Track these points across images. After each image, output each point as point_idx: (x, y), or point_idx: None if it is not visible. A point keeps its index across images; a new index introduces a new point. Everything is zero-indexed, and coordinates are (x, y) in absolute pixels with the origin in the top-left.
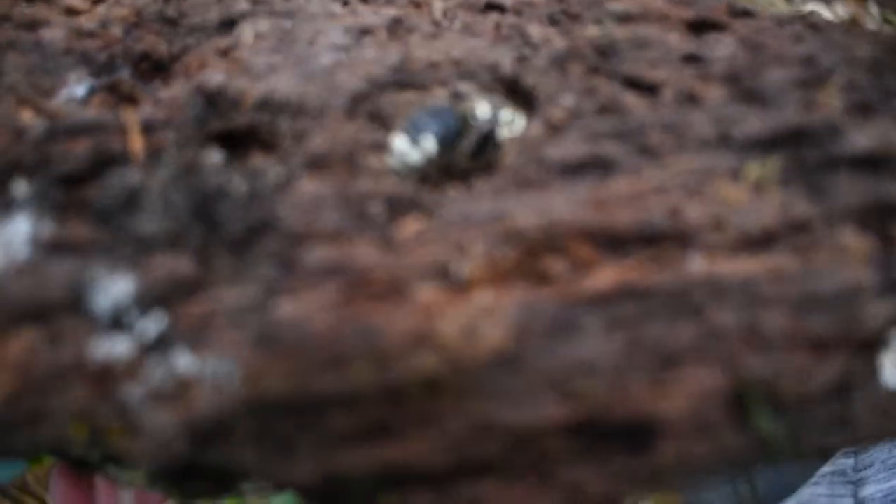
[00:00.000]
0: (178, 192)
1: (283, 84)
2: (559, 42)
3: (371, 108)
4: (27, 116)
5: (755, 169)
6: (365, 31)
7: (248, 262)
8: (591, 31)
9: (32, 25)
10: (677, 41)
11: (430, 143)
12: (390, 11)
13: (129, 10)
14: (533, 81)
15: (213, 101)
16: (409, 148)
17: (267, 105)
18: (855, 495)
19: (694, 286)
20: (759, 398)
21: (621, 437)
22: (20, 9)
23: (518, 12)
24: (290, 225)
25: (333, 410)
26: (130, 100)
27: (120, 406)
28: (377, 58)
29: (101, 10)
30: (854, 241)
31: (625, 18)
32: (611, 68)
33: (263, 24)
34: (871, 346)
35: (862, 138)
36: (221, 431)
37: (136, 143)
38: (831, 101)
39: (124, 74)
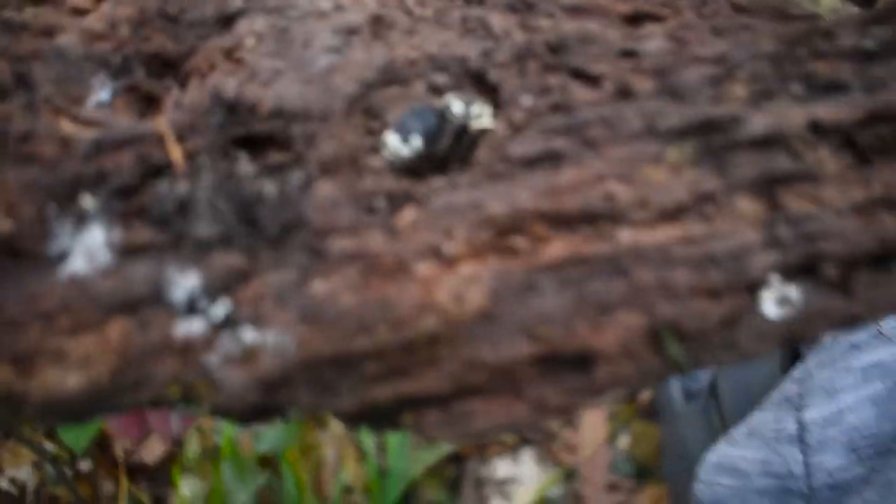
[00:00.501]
0: (223, 200)
1: (290, 90)
2: (518, 35)
3: (365, 106)
4: (67, 127)
5: (673, 154)
6: (351, 31)
7: (285, 254)
8: (545, 23)
9: (49, 32)
10: (616, 36)
11: (416, 141)
12: (371, 5)
13: (132, 8)
14: (496, 77)
15: (232, 109)
16: (400, 145)
17: (280, 113)
18: (798, 420)
19: (623, 254)
20: (669, 334)
21: (571, 364)
22: (31, 11)
23: (481, 2)
24: (314, 223)
25: (365, 361)
26: (150, 99)
27: (203, 370)
28: (365, 59)
29: (106, 8)
30: (748, 207)
31: (574, 10)
32: (561, 63)
33: (260, 23)
34: (755, 288)
35: (759, 123)
36: (283, 383)
37: (176, 153)
38: (737, 92)
39: (140, 75)
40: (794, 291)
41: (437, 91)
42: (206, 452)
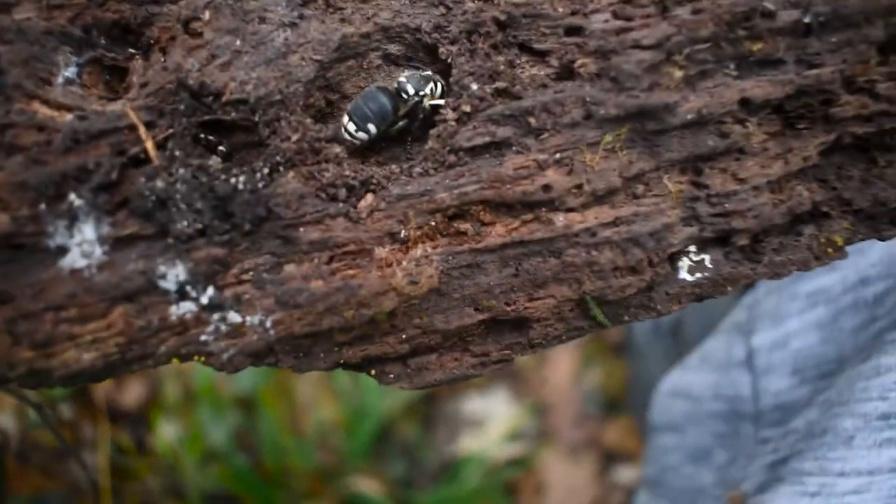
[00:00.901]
0: (199, 198)
1: (250, 75)
2: (469, 3)
3: (323, 86)
4: (43, 112)
5: (609, 138)
6: (304, 2)
7: (260, 242)
8: None
9: (5, 6)
10: (565, 10)
11: (371, 126)
12: None
13: None
14: (447, 53)
15: (197, 95)
16: (355, 130)
17: (242, 101)
18: (747, 345)
19: (557, 237)
20: (594, 302)
21: (511, 325)
22: None
23: None
24: (285, 215)
25: (335, 333)
26: (115, 69)
27: (198, 344)
28: (320, 35)
29: None
30: (674, 185)
31: None
32: (509, 39)
33: None
34: (674, 258)
35: (690, 108)
36: (267, 353)
37: (150, 145)
38: (674, 75)
39: (102, 47)
40: (707, 258)
41: (391, 60)
42: (184, 395)
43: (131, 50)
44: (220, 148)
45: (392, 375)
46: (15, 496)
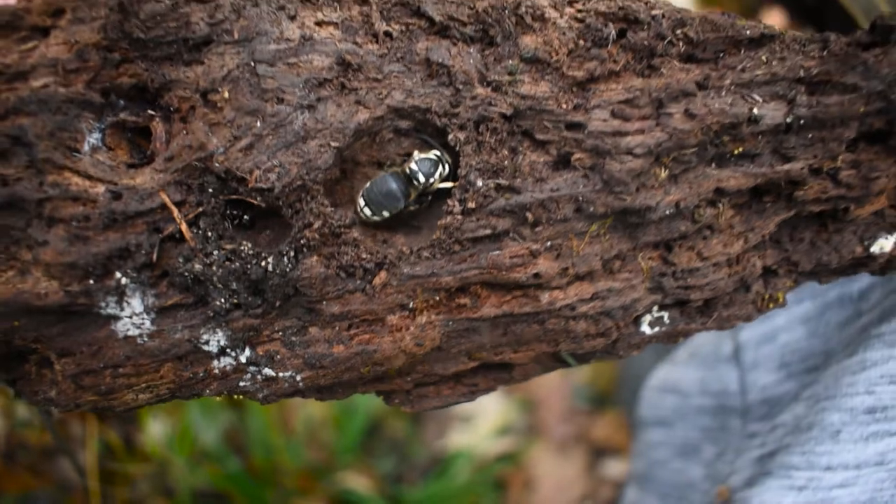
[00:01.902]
0: (235, 280)
1: (273, 161)
2: (478, 89)
3: (346, 167)
4: (76, 183)
5: (595, 228)
6: (321, 83)
7: (288, 312)
8: (504, 77)
9: (23, 75)
10: (568, 105)
11: (385, 212)
12: (336, 41)
13: (92, 31)
14: (455, 139)
15: (223, 180)
16: (371, 214)
17: (267, 189)
18: (734, 340)
19: (542, 310)
20: (568, 356)
21: (497, 369)
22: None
23: (445, 28)
24: (308, 294)
25: (355, 381)
26: (136, 130)
27: (237, 387)
28: (337, 120)
29: (66, 31)
30: (646, 263)
31: (532, 62)
32: (514, 128)
33: (230, 61)
34: (637, 319)
35: (668, 202)
36: (296, 394)
37: (184, 227)
38: (660, 175)
39: (122, 110)
40: (666, 315)
41: (401, 133)
42: None
43: (150, 111)
44: (245, 217)
45: (397, 400)
46: (2, 495)
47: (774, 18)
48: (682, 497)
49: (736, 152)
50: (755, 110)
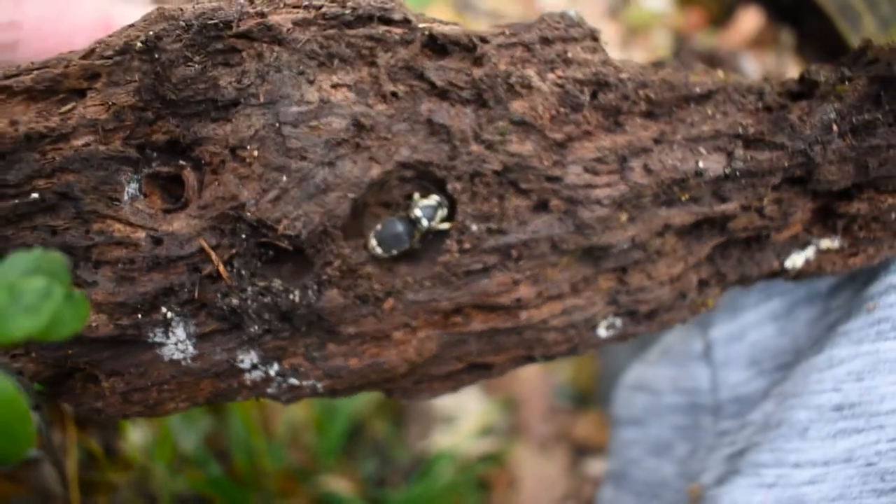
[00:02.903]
0: (267, 312)
1: (298, 211)
2: (473, 146)
3: (357, 216)
4: (119, 230)
5: (565, 260)
6: (339, 143)
7: (311, 333)
8: (495, 137)
9: (65, 137)
10: (548, 162)
11: (394, 251)
12: (351, 104)
13: (127, 93)
14: (453, 189)
15: (255, 227)
16: (382, 253)
17: (294, 236)
18: (704, 336)
19: (520, 325)
20: (539, 357)
21: (481, 368)
22: (34, 110)
23: (444, 93)
24: (330, 320)
25: (366, 385)
26: (169, 179)
27: (264, 394)
28: (354, 175)
29: (102, 93)
30: (605, 283)
31: (520, 125)
32: (503, 180)
33: (257, 121)
34: (595, 326)
35: (626, 238)
36: (313, 395)
37: (221, 268)
38: (621, 219)
39: (156, 162)
40: (618, 322)
41: (405, 180)
42: None
43: (182, 161)
44: (271, 253)
45: (397, 395)
46: None
47: (751, 18)
48: (655, 495)
49: (683, 199)
50: (701, 163)
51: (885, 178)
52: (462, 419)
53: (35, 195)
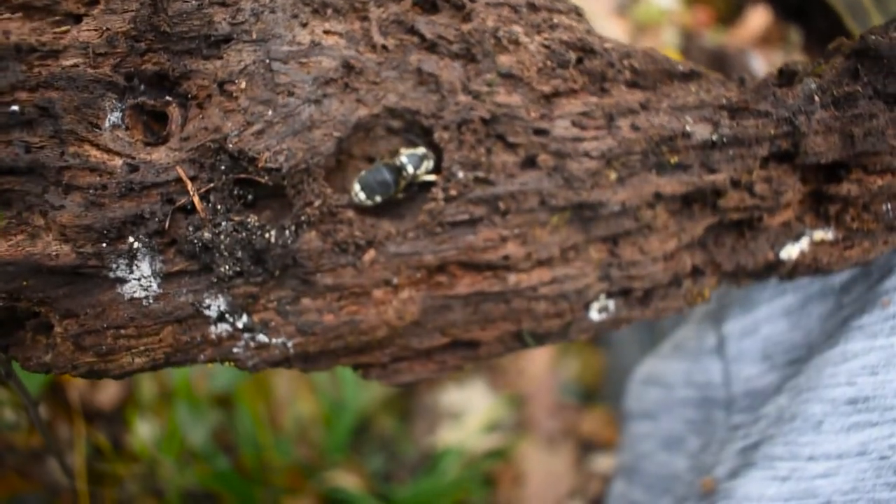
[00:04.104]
0: (240, 249)
1: (282, 145)
2: (461, 97)
3: (341, 159)
4: (95, 155)
5: (555, 219)
6: (327, 82)
7: (284, 282)
8: (483, 88)
9: (55, 54)
10: (535, 114)
11: (378, 197)
12: (342, 48)
13: (123, 21)
14: (440, 138)
15: (235, 159)
16: (365, 198)
17: (275, 169)
18: (718, 331)
19: (508, 290)
20: (527, 334)
21: (465, 346)
22: (28, 27)
23: (433, 46)
24: (306, 265)
25: (339, 350)
26: (155, 114)
27: (230, 353)
28: (339, 114)
29: (98, 19)
30: (596, 253)
31: (507, 77)
32: (491, 131)
33: (247, 56)
34: (587, 304)
35: (616, 200)
36: (283, 362)
37: (197, 200)
38: (610, 176)
39: (143, 94)
40: (611, 304)
41: (392, 131)
42: (161, 394)
43: (168, 97)
44: (249, 197)
45: (373, 374)
46: None
47: (759, 16)
48: (667, 489)
49: (672, 161)
50: (687, 127)
51: (872, 154)
52: (468, 415)
53: (15, 108)
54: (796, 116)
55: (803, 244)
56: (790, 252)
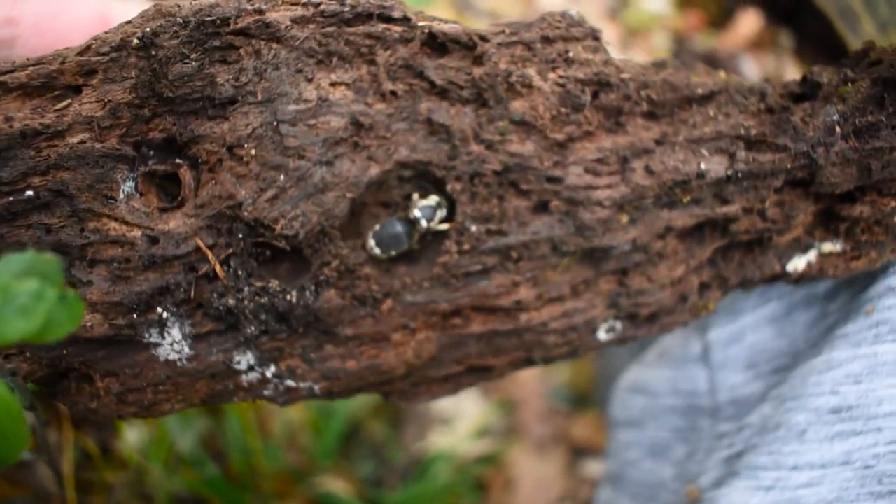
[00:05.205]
0: (264, 312)
1: (296, 210)
2: (473, 146)
3: (355, 209)
4: (114, 229)
5: (566, 261)
6: (337, 142)
7: (308, 334)
8: (495, 137)
9: (61, 134)
10: (548, 163)
11: (392, 252)
12: (349, 102)
13: (123, 90)
14: (452, 189)
15: (252, 227)
16: (380, 253)
17: (291, 236)
18: (703, 340)
19: (520, 328)
20: (539, 359)
21: (480, 370)
22: (28, 107)
23: (444, 92)
24: (327, 321)
25: (364, 388)
26: (166, 177)
27: (261, 395)
28: (352, 174)
29: (98, 90)
30: (605, 286)
31: (520, 124)
32: (502, 180)
33: (254, 119)
34: (596, 329)
35: (627, 240)
36: (310, 397)
37: (218, 267)
38: (622, 220)
39: (153, 161)
40: (618, 325)
41: (404, 180)
42: None
43: (179, 160)
44: (268, 253)
45: (394, 399)
46: None
47: (750, 20)
48: (653, 497)
49: (685, 201)
50: (703, 165)
51: (888, 180)
52: (459, 420)
53: (30, 192)
54: (815, 150)
55: (811, 256)
56: (797, 264)
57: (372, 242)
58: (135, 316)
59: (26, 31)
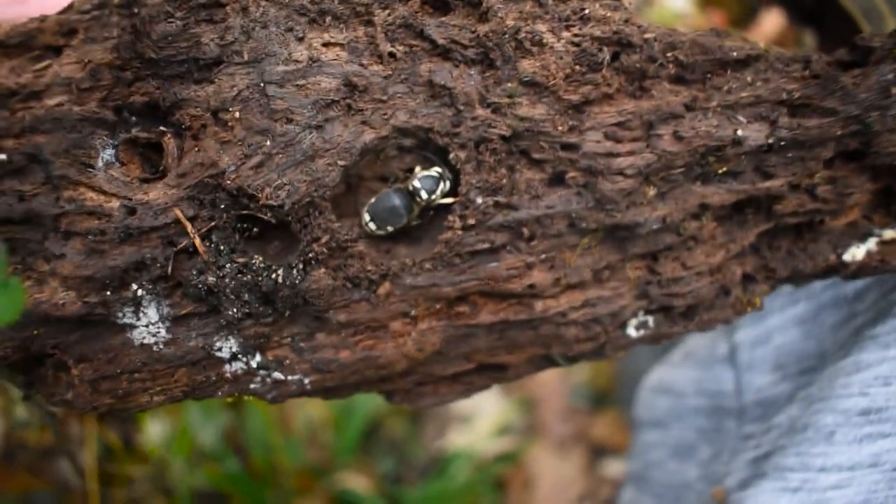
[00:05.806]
0: (247, 292)
1: (283, 178)
2: (479, 110)
3: (351, 182)
4: (91, 198)
5: (586, 241)
6: (328, 105)
7: (297, 320)
8: (503, 99)
9: (37, 95)
10: (561, 130)
11: (389, 227)
12: (343, 63)
13: (105, 50)
14: (456, 158)
15: (235, 196)
16: (376, 228)
17: (277, 206)
18: (730, 341)
19: (535, 318)
20: (558, 357)
21: (493, 369)
22: (6, 66)
23: (446, 52)
24: (317, 304)
25: (359, 382)
26: (148, 146)
27: (247, 389)
28: (344, 140)
29: (79, 50)
30: (633, 272)
31: (530, 85)
32: (511, 148)
33: (240, 81)
34: (624, 324)
35: (655, 217)
36: (302, 394)
37: (198, 241)
38: (649, 193)
39: (134, 127)
40: (651, 319)
41: (404, 150)
42: None
43: (162, 128)
44: (255, 229)
45: (397, 399)
46: (2, 496)
47: (773, 20)
48: (677, 498)
49: (720, 171)
50: (739, 132)
51: None
52: (479, 418)
53: (2, 156)
54: (868, 113)
55: (870, 244)
56: (855, 254)
57: (367, 216)
58: (108, 293)
59: (34, 11)
